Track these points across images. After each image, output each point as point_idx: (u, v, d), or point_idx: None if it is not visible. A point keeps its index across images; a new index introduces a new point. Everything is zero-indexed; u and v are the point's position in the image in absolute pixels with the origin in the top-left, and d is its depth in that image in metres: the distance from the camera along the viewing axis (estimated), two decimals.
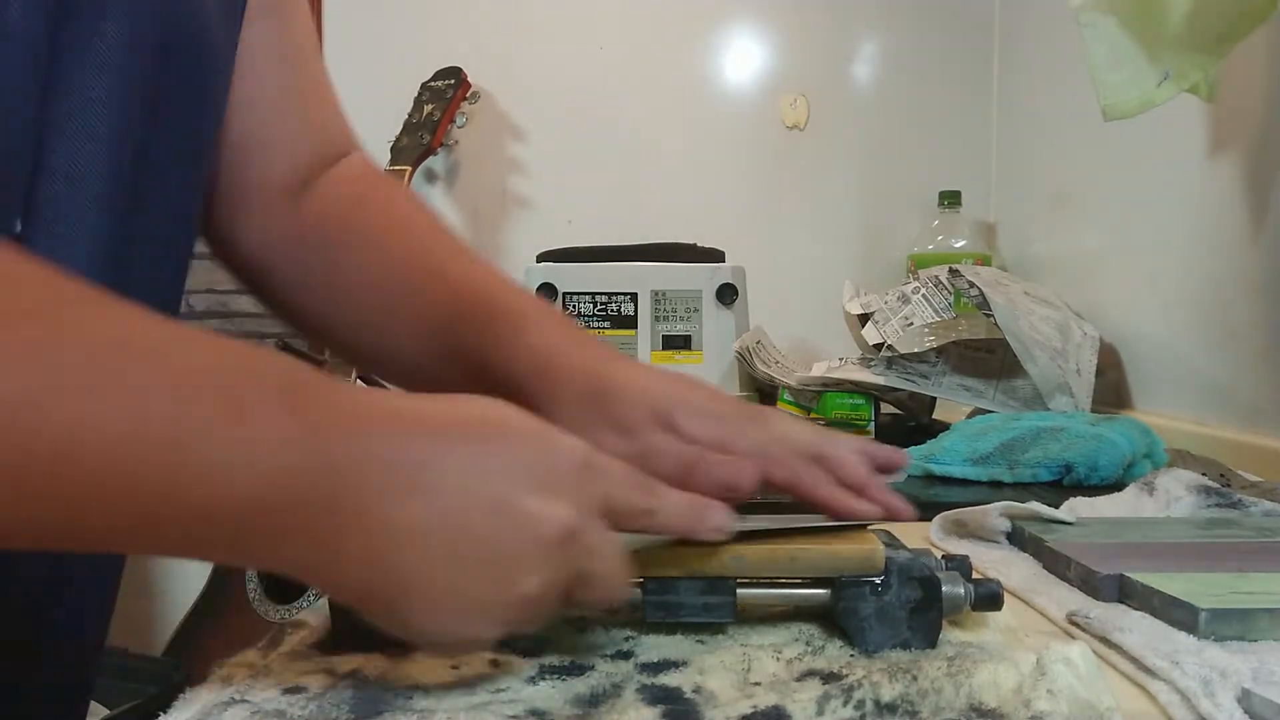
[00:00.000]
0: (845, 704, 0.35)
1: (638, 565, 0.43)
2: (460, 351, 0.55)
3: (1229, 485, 0.70)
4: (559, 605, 0.37)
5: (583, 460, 0.38)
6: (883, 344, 1.07)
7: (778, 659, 0.40)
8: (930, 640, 0.42)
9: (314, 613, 0.46)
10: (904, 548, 0.45)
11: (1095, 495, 0.68)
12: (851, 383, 1.06)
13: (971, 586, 0.43)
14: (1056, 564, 0.53)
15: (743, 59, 1.72)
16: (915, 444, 0.88)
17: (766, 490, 0.49)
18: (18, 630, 0.49)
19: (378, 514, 0.33)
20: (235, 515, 0.31)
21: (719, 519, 0.42)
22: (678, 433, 0.49)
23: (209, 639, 1.41)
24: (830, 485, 0.48)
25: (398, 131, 1.56)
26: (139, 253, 0.49)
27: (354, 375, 1.19)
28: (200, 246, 0.59)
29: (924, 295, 1.10)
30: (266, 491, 0.32)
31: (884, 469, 0.51)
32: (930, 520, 0.63)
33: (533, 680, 0.38)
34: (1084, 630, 0.44)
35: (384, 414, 0.35)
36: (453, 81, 1.59)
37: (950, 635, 0.43)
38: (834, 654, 0.41)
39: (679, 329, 1.24)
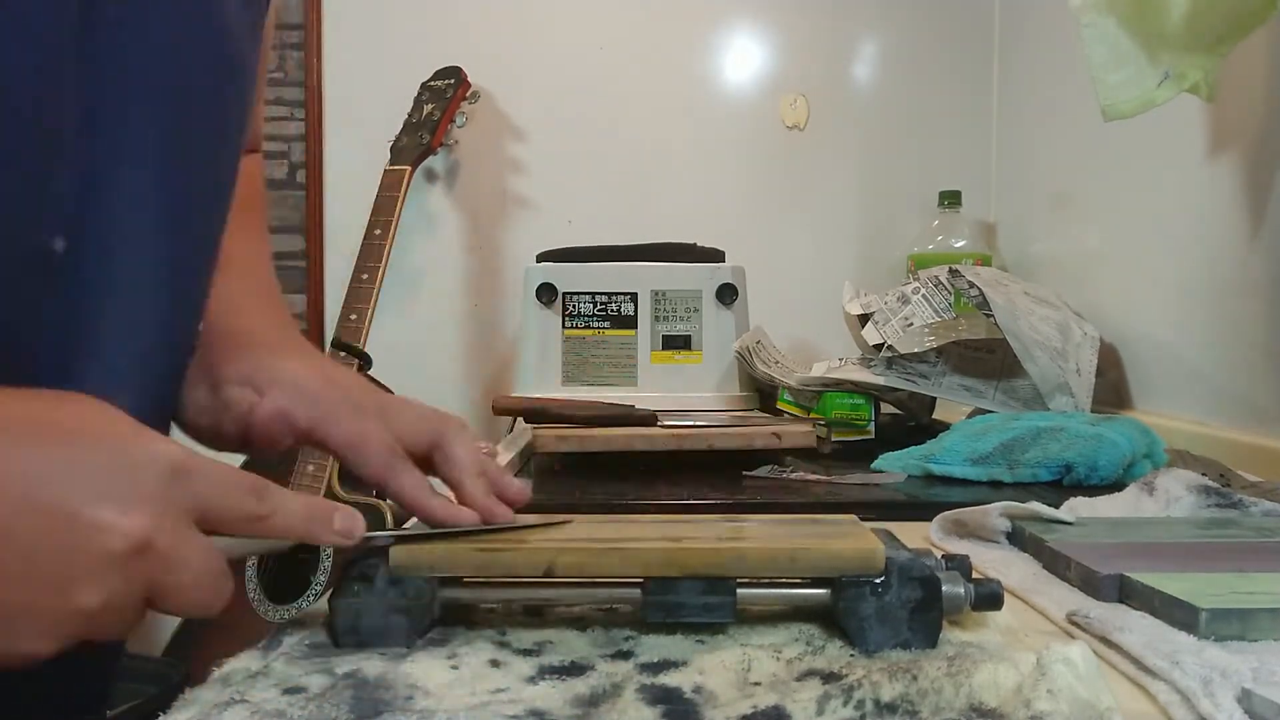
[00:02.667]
0: (845, 704, 0.35)
1: (638, 566, 0.43)
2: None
3: (1229, 485, 0.70)
4: (137, 614, 0.36)
5: (171, 467, 0.36)
6: (883, 344, 1.07)
7: (778, 659, 0.40)
8: (930, 640, 0.42)
9: (314, 613, 0.46)
10: (904, 548, 0.45)
11: (1095, 495, 0.68)
12: (851, 383, 1.06)
13: (971, 586, 0.43)
14: (1056, 564, 0.53)
15: (743, 59, 1.72)
16: (915, 444, 0.88)
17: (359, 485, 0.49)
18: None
19: None
20: None
21: (345, 524, 0.41)
22: (262, 401, 0.48)
23: (209, 639, 1.41)
24: (420, 488, 0.47)
25: (398, 131, 1.56)
26: (190, 260, 0.50)
27: (355, 366, 1.19)
28: None
29: (924, 295, 1.10)
30: None
31: (500, 492, 0.49)
32: (930, 520, 0.63)
33: (533, 680, 0.38)
34: (1084, 630, 0.44)
35: None
36: (453, 81, 1.59)
37: (950, 635, 0.43)
38: (834, 654, 0.41)
39: (679, 329, 1.24)
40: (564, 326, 1.24)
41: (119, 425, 0.36)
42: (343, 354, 1.39)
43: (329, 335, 1.53)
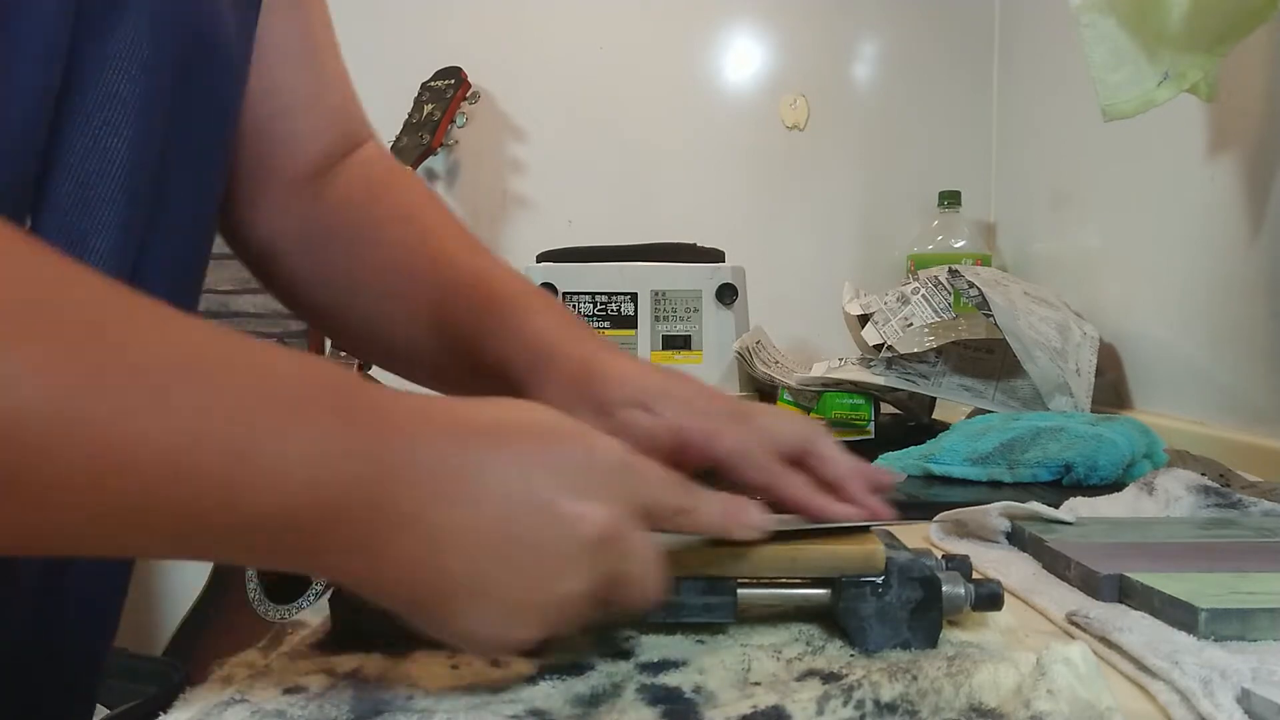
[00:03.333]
0: (845, 704, 0.35)
1: None
2: (458, 337, 0.55)
3: (1229, 485, 0.70)
4: (597, 607, 0.37)
5: (621, 461, 0.38)
6: (882, 344, 1.07)
7: (778, 659, 0.40)
8: (930, 640, 0.42)
9: (314, 613, 0.46)
10: (904, 548, 0.45)
11: (1095, 495, 0.68)
12: (851, 383, 1.06)
13: (972, 586, 0.43)
14: (1056, 564, 0.53)
15: (743, 59, 1.72)
16: (915, 444, 0.88)
17: (746, 493, 0.49)
18: (21, 637, 0.49)
19: (425, 519, 0.34)
20: (287, 522, 0.32)
21: (754, 518, 0.42)
22: (659, 416, 0.48)
23: (209, 639, 1.41)
24: (807, 488, 0.47)
25: (398, 131, 1.56)
26: (159, 251, 0.49)
27: (356, 366, 1.20)
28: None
29: (924, 295, 1.10)
30: (312, 498, 0.32)
31: (875, 487, 0.49)
32: (930, 520, 0.63)
33: (533, 680, 0.38)
34: (1084, 630, 0.44)
35: (429, 419, 0.36)
36: (453, 81, 1.59)
37: (950, 635, 0.43)
38: (834, 654, 0.41)
39: (679, 329, 1.24)
40: None
41: (570, 424, 0.38)
42: (343, 354, 1.39)
43: None
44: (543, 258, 1.33)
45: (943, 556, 0.46)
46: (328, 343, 1.48)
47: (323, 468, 0.32)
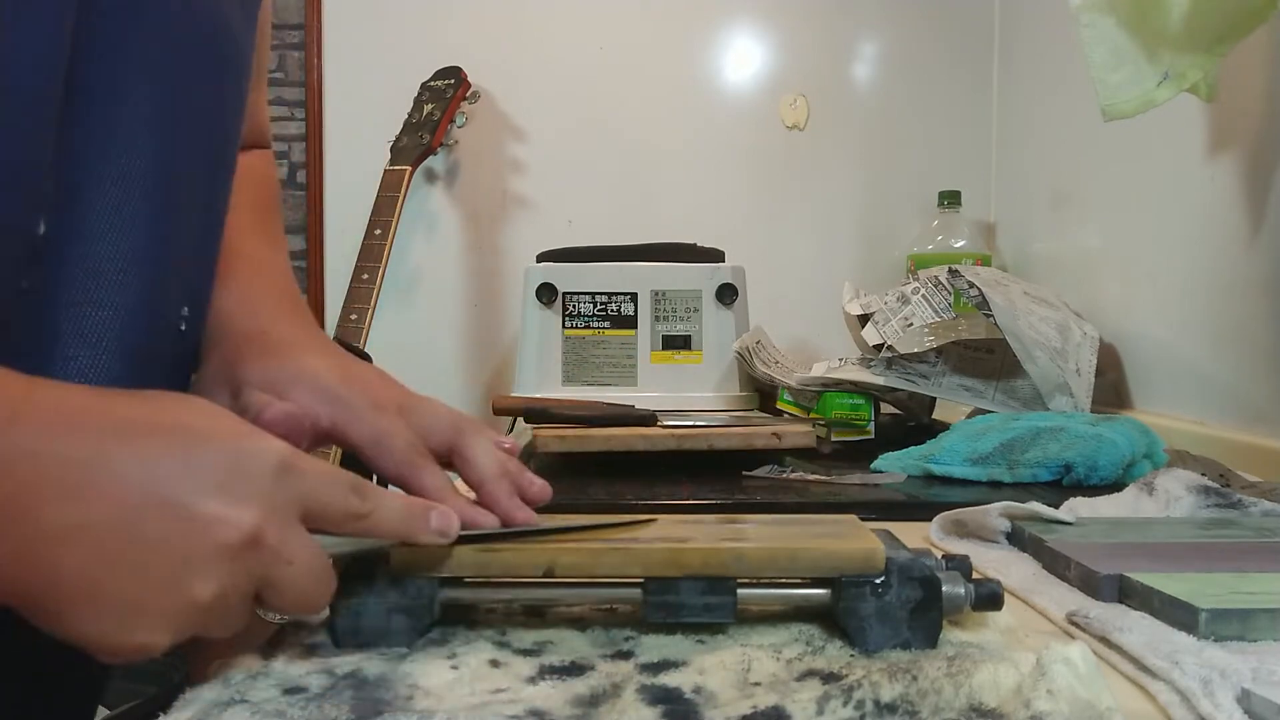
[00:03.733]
0: (845, 704, 0.35)
1: (638, 566, 0.43)
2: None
3: (1229, 485, 0.70)
4: (245, 611, 0.36)
5: (278, 463, 0.36)
6: (883, 344, 1.07)
7: (778, 659, 0.40)
8: (930, 640, 0.42)
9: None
10: (904, 548, 0.45)
11: (1095, 495, 0.68)
12: (851, 383, 1.06)
13: (972, 586, 0.43)
14: (1056, 564, 0.53)
15: (743, 59, 1.72)
16: (915, 444, 0.88)
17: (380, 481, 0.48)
18: (28, 646, 0.49)
19: (31, 513, 0.32)
20: None
21: (441, 522, 0.41)
22: (288, 400, 0.48)
23: (209, 639, 1.41)
24: (443, 487, 0.47)
25: (398, 131, 1.56)
26: (176, 245, 0.49)
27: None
28: None
29: (924, 295, 1.10)
30: None
31: (520, 491, 0.49)
32: (930, 520, 0.63)
33: (533, 680, 0.38)
34: (1084, 630, 0.44)
35: (55, 407, 0.34)
36: (453, 81, 1.59)
37: (950, 635, 0.43)
38: (834, 654, 0.41)
39: (679, 329, 1.24)
40: (564, 326, 1.24)
41: (226, 422, 0.37)
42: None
43: (329, 335, 1.53)
44: (543, 258, 1.33)
45: (943, 556, 0.46)
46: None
47: None
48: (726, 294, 1.24)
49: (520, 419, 1.09)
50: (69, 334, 0.44)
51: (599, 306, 1.25)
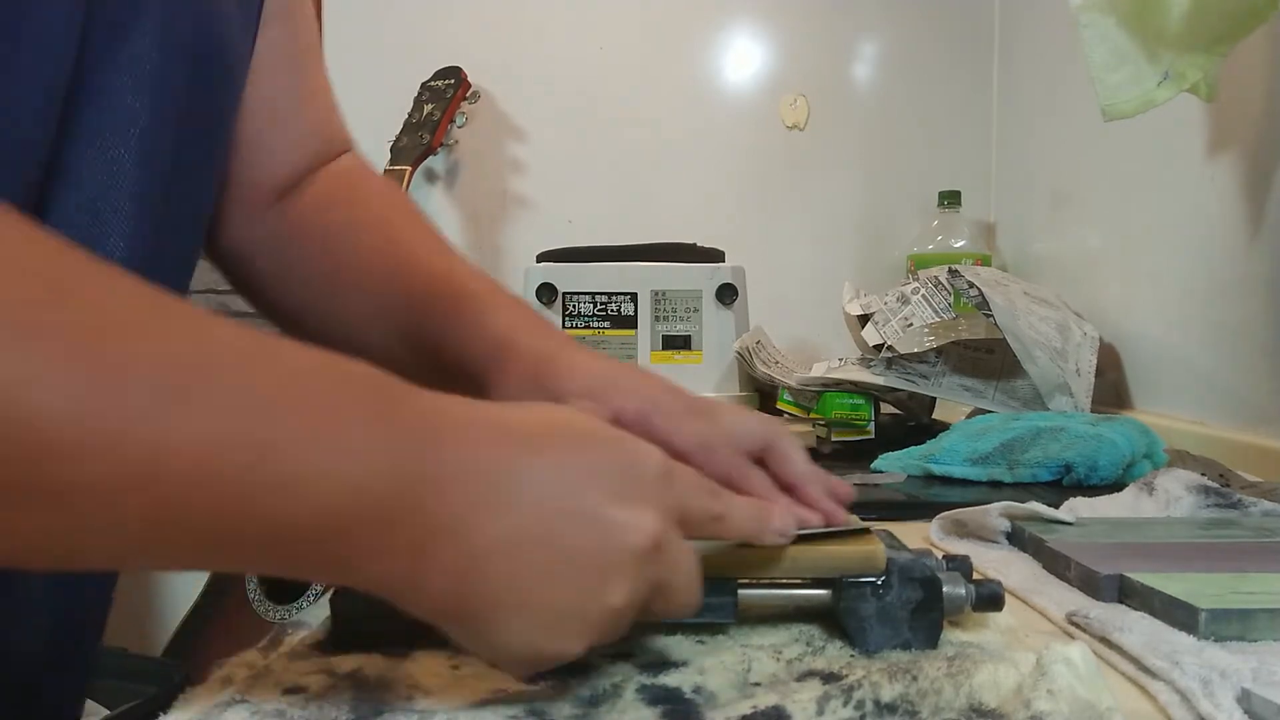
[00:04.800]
0: (845, 704, 0.35)
1: None
2: (422, 334, 0.55)
3: (1229, 485, 0.70)
4: (640, 615, 0.37)
5: (662, 467, 0.37)
6: (883, 344, 1.07)
7: (778, 659, 0.40)
8: (931, 641, 0.42)
9: (314, 613, 0.46)
10: (905, 548, 0.45)
11: (1095, 495, 0.68)
12: (851, 383, 1.06)
13: (972, 587, 0.43)
14: (1056, 564, 0.53)
15: (743, 59, 1.72)
16: (915, 444, 0.88)
17: None
18: (7, 637, 0.49)
19: (467, 527, 0.32)
20: (320, 528, 0.30)
21: (781, 523, 0.42)
22: (613, 407, 0.47)
23: (209, 639, 1.41)
24: (768, 488, 0.47)
25: (398, 131, 1.56)
26: (167, 256, 0.49)
27: None
28: None
29: (924, 295, 1.10)
30: (352, 502, 0.30)
31: (831, 492, 0.49)
32: (930, 520, 0.63)
33: (533, 680, 0.38)
34: (1084, 630, 0.44)
35: (469, 422, 0.34)
36: (453, 81, 1.59)
37: (950, 635, 0.43)
38: (834, 654, 0.41)
39: (679, 329, 1.24)
40: (564, 326, 1.24)
41: (608, 429, 0.38)
42: None
43: None
44: (543, 258, 1.33)
45: (943, 557, 0.46)
46: None
47: (360, 472, 0.31)
48: (726, 294, 1.24)
49: None
50: None
51: (599, 306, 1.25)
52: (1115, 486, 0.74)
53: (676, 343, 1.24)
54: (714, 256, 1.32)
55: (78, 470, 0.26)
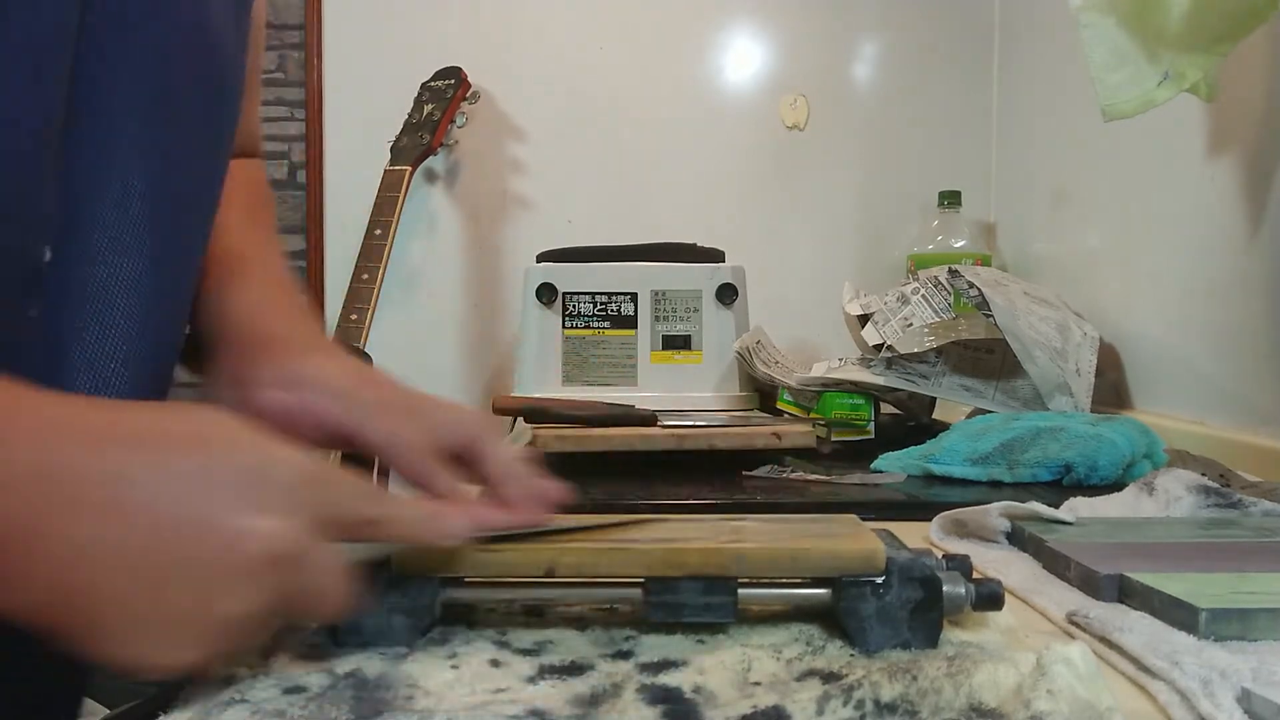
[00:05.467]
0: (845, 704, 0.35)
1: (639, 566, 0.43)
2: (195, 304, 0.54)
3: (1229, 485, 0.70)
4: (273, 623, 0.36)
5: (300, 473, 0.36)
6: (882, 344, 1.07)
7: (778, 659, 0.40)
8: (931, 640, 0.42)
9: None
10: (905, 548, 0.45)
11: (1095, 495, 0.68)
12: (851, 383, 1.06)
13: (972, 586, 0.43)
14: (1056, 564, 0.53)
15: (743, 59, 1.72)
16: (915, 444, 0.88)
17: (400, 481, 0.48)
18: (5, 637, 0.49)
19: (63, 532, 0.31)
20: None
21: (455, 525, 0.41)
22: (299, 403, 0.48)
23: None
24: (452, 489, 0.47)
25: (398, 131, 1.56)
26: (174, 264, 0.50)
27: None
28: None
29: (924, 296, 1.10)
30: None
31: (535, 491, 0.48)
32: (930, 520, 0.63)
33: (533, 680, 0.38)
34: (1084, 630, 0.44)
35: (81, 425, 0.33)
36: (453, 81, 1.59)
37: (950, 635, 0.43)
38: (834, 654, 0.41)
39: (679, 329, 1.24)
40: (564, 326, 1.24)
41: (244, 433, 0.37)
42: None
43: (329, 335, 1.53)
44: (543, 258, 1.33)
45: (943, 556, 0.46)
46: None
47: None
48: (726, 294, 1.24)
49: (520, 419, 1.09)
50: (76, 358, 0.44)
51: (599, 306, 1.24)
52: (1115, 486, 0.74)
53: (676, 343, 1.24)
54: (714, 256, 1.32)
55: None
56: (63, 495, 0.32)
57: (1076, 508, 0.65)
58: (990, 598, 0.43)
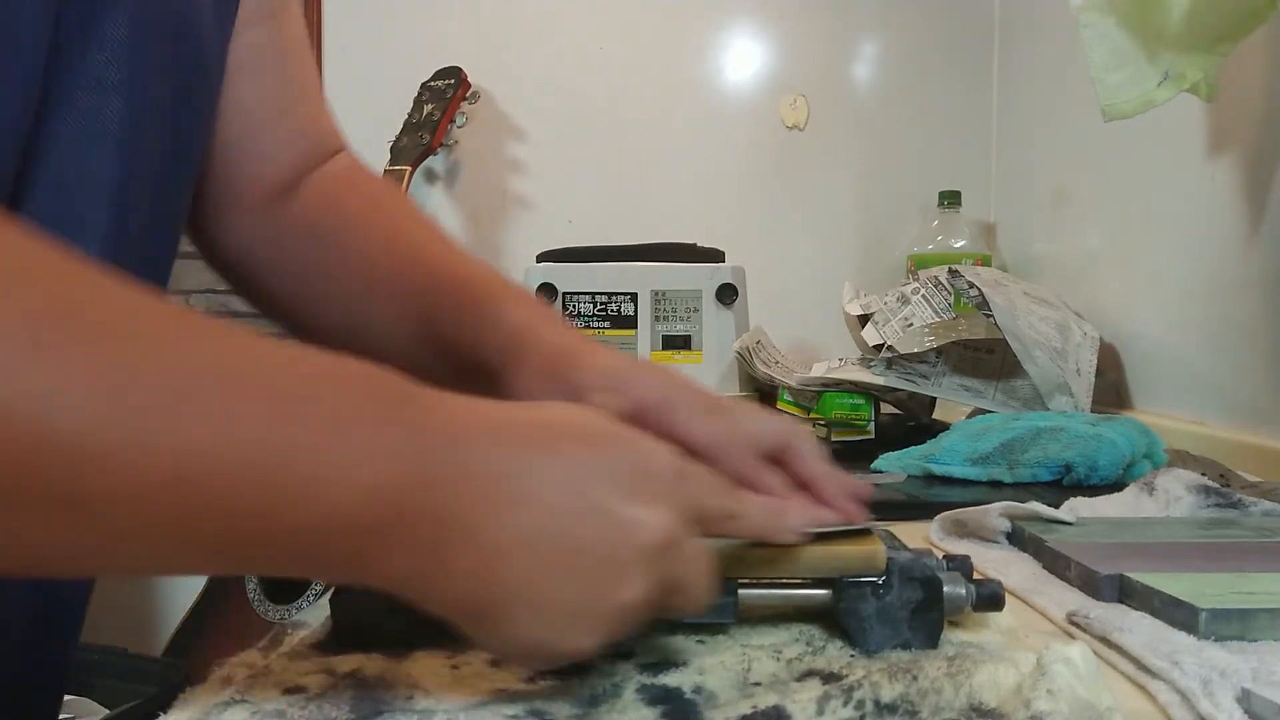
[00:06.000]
0: (845, 704, 0.35)
1: None
2: (433, 331, 0.55)
3: (1229, 485, 0.70)
4: (652, 613, 0.37)
5: (673, 465, 0.37)
6: (882, 344, 1.07)
7: (778, 659, 0.40)
8: (931, 640, 0.42)
9: (314, 613, 0.46)
10: (905, 548, 0.45)
11: (1095, 495, 0.68)
12: (851, 383, 1.06)
13: (972, 586, 0.43)
14: (1056, 564, 0.53)
15: (743, 59, 1.72)
16: (915, 444, 0.88)
17: None
18: None
19: (481, 526, 0.33)
20: (340, 531, 0.31)
21: (797, 521, 0.42)
22: (632, 401, 0.47)
23: (209, 639, 1.41)
24: (782, 487, 0.47)
25: (398, 131, 1.56)
26: (132, 256, 0.49)
27: None
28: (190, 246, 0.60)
29: (924, 296, 1.10)
30: (371, 504, 0.31)
31: (849, 490, 0.49)
32: (930, 520, 0.63)
33: (532, 680, 0.38)
34: (1084, 630, 0.44)
35: (483, 423, 0.35)
36: (453, 81, 1.59)
37: (950, 635, 0.43)
38: (834, 654, 0.41)
39: (679, 329, 1.24)
40: None
41: (621, 429, 0.38)
42: None
43: None
44: (543, 258, 1.33)
45: (943, 556, 0.46)
46: None
47: (375, 474, 0.31)
48: (726, 294, 1.24)
49: None
50: None
51: (599, 306, 1.25)
52: (1115, 486, 0.74)
53: (676, 343, 1.24)
54: (714, 256, 1.32)
55: (102, 478, 0.27)
56: (484, 490, 0.33)
57: (1076, 508, 0.65)
58: (990, 598, 0.43)
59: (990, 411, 1.00)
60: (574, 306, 1.24)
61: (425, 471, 0.32)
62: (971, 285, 1.03)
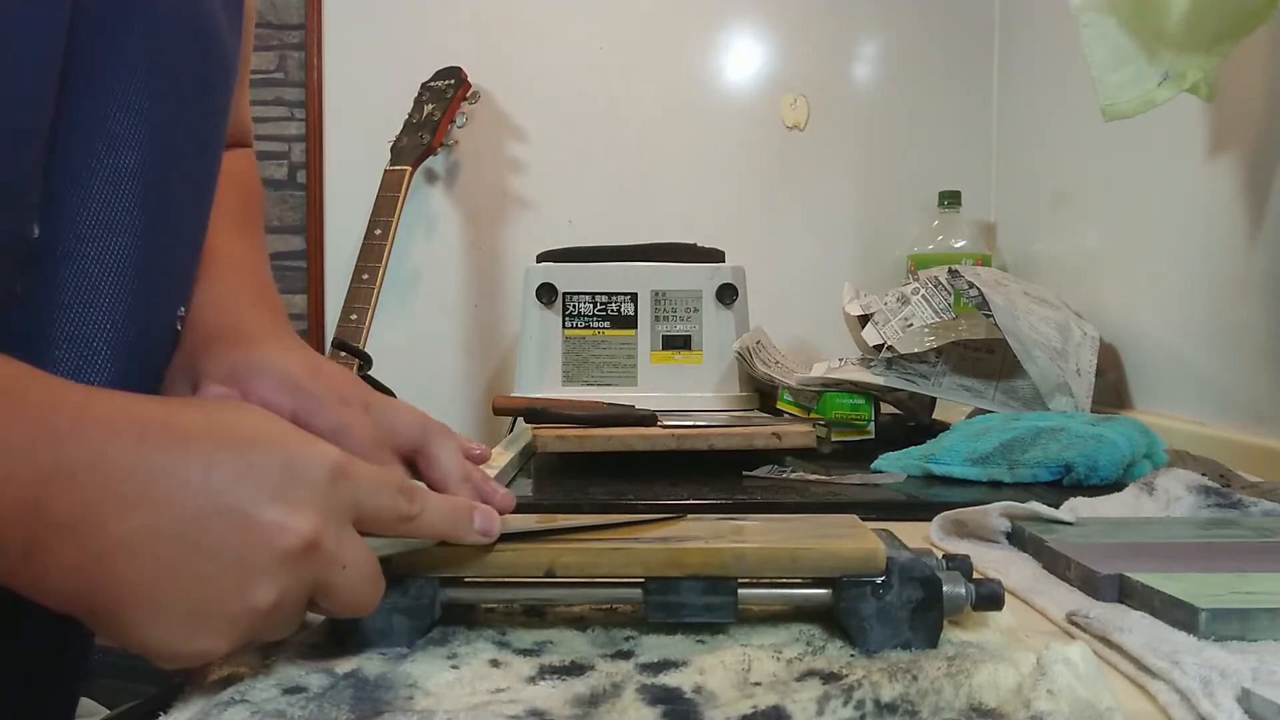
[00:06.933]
0: (845, 704, 0.35)
1: (639, 566, 0.43)
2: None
3: (1229, 485, 0.70)
4: (300, 615, 0.37)
5: (333, 467, 0.37)
6: (883, 344, 1.07)
7: (778, 659, 0.40)
8: (931, 640, 0.42)
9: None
10: (905, 548, 0.45)
11: (1095, 495, 0.68)
12: (851, 383, 1.06)
13: (972, 586, 0.43)
14: (1056, 564, 0.53)
15: (743, 59, 1.72)
16: (915, 444, 0.88)
17: None
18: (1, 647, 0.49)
19: (91, 523, 0.32)
20: None
21: (484, 523, 0.42)
22: (246, 394, 0.48)
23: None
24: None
25: (398, 131, 1.56)
26: (165, 244, 0.49)
27: (355, 367, 1.19)
28: None
29: (924, 296, 1.10)
30: None
31: (483, 497, 0.49)
32: (930, 520, 0.63)
33: (533, 680, 0.38)
34: (1084, 630, 0.44)
35: (112, 418, 0.34)
36: (453, 81, 1.59)
37: (950, 635, 0.43)
38: (834, 654, 0.41)
39: (679, 329, 1.24)
40: (564, 326, 1.24)
41: (280, 429, 0.38)
42: (343, 354, 1.39)
43: (329, 335, 1.53)
44: (543, 258, 1.33)
45: (943, 556, 0.46)
46: (327, 343, 1.48)
47: None
48: (726, 294, 1.24)
49: (520, 419, 1.09)
50: (60, 335, 0.44)
51: (599, 306, 1.24)
52: (1115, 486, 0.74)
53: (676, 343, 1.24)
54: (714, 256, 1.32)
55: None
56: (104, 488, 0.33)
57: (1076, 508, 0.65)
58: (990, 598, 0.43)
59: (990, 411, 1.00)
60: (574, 306, 1.24)
61: (24, 469, 0.32)
62: (971, 285, 1.03)
